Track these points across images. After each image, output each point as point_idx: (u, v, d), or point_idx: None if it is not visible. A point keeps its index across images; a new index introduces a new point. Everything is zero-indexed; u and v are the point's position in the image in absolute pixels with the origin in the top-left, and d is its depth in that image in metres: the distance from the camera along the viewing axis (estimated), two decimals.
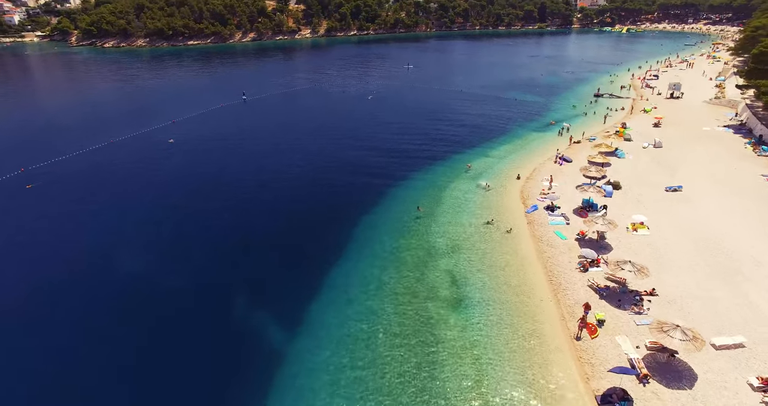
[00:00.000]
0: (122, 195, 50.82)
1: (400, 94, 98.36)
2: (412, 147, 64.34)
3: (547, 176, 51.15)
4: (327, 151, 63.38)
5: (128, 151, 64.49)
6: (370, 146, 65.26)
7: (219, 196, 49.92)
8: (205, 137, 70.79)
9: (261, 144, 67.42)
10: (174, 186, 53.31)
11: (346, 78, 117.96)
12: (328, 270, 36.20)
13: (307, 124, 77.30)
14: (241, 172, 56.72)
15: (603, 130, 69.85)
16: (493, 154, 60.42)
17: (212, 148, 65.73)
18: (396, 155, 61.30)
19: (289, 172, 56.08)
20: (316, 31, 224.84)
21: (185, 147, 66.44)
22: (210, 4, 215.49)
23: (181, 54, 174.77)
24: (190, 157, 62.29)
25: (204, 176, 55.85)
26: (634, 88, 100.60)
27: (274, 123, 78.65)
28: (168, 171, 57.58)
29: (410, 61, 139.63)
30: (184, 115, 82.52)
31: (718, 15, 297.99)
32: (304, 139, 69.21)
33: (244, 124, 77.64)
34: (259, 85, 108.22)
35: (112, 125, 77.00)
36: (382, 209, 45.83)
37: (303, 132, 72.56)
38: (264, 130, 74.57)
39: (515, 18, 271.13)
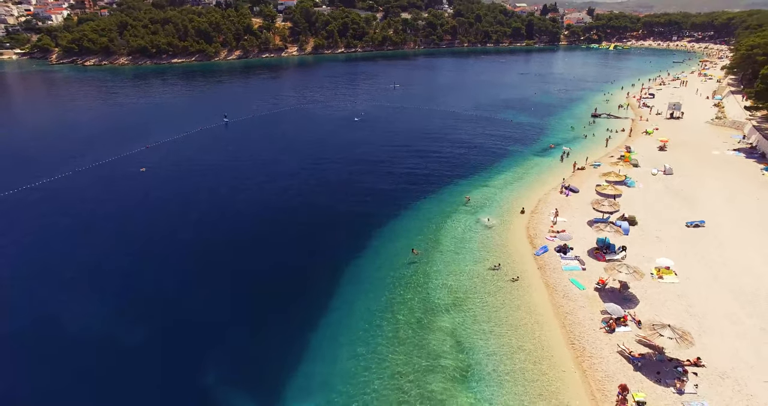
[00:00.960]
0: (72, 239, 44.94)
1: (389, 116, 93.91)
2: (404, 175, 59.45)
3: (554, 209, 46.45)
4: (308, 182, 58.14)
5: (91, 183, 58.63)
6: (357, 175, 60.22)
7: (185, 241, 44.33)
8: (181, 166, 65.27)
9: (238, 175, 61.93)
10: (138, 225, 47.62)
11: (332, 98, 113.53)
12: (299, 351, 29.22)
13: (289, 150, 72.13)
14: (213, 209, 51.22)
15: (607, 155, 65.78)
16: (493, 184, 55.70)
17: (186, 179, 60.15)
18: (386, 185, 56.33)
19: (263, 211, 50.55)
20: (303, 49, 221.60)
21: (157, 177, 60.80)
22: (195, 22, 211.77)
23: (164, 72, 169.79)
24: (161, 190, 56.62)
25: (173, 214, 50.26)
26: (631, 108, 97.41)
27: (254, 149, 73.25)
28: (134, 208, 51.90)
29: (397, 81, 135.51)
30: (160, 139, 77.03)
31: (700, 33, 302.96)
32: (284, 168, 64.00)
33: (222, 151, 72.19)
34: (242, 106, 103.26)
35: (80, 151, 71.18)
36: (371, 253, 40.52)
37: (284, 160, 67.29)
38: (243, 158, 69.09)
39: (503, 35, 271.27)
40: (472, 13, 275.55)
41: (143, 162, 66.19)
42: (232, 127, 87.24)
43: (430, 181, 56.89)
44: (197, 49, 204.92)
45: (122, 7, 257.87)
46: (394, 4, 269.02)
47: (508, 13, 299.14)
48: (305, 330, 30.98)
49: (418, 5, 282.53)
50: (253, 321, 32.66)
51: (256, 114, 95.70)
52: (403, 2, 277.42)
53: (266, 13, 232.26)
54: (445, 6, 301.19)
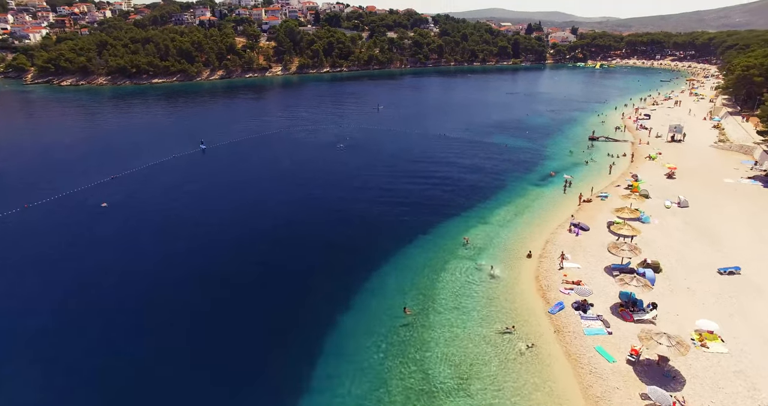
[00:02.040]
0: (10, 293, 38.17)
1: (376, 141, 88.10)
2: (392, 212, 53.50)
3: (567, 253, 40.91)
4: (282, 224, 51.99)
5: (43, 221, 51.94)
6: (340, 213, 54.24)
7: (138, 290, 37.85)
8: (147, 201, 58.73)
9: (209, 211, 55.72)
10: (92, 273, 40.96)
11: (316, 121, 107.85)
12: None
13: (267, 181, 66.18)
14: (174, 254, 44.80)
15: (612, 184, 60.87)
16: (492, 220, 50.12)
17: (150, 217, 53.57)
18: (372, 224, 50.46)
19: (233, 261, 44.19)
20: (288, 69, 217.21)
21: (120, 214, 54.18)
22: (177, 42, 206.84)
23: (143, 93, 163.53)
24: (123, 230, 50.06)
25: (128, 259, 43.73)
26: (628, 130, 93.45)
27: (229, 181, 66.92)
28: (85, 251, 45.24)
29: (381, 102, 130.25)
30: (129, 167, 70.57)
31: (681, 52, 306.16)
32: (260, 204, 57.91)
33: (195, 183, 65.71)
34: (221, 130, 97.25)
35: (37, 182, 64.45)
36: (355, 313, 34.28)
37: (261, 195, 61.22)
38: (215, 192, 62.79)
39: (489, 54, 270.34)
40: (458, 32, 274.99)
41: (106, 195, 59.60)
42: (209, 154, 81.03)
43: (422, 218, 51.06)
44: (179, 69, 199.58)
45: (104, 26, 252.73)
46: (379, 24, 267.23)
47: (493, 32, 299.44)
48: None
49: (404, 24, 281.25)
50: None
51: (236, 139, 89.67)
52: (388, 21, 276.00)
53: (250, 32, 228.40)
54: (431, 25, 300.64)
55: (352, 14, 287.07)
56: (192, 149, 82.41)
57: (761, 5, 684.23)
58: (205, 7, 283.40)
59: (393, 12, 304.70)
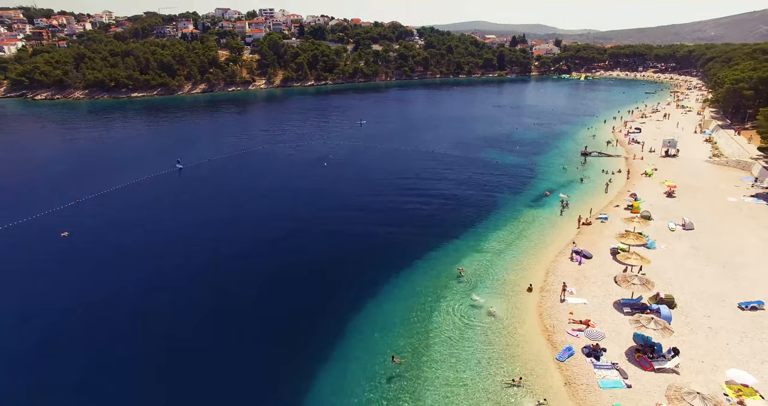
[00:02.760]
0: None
1: (361, 158, 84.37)
2: (378, 237, 49.71)
3: (571, 286, 37.33)
4: (255, 257, 47.74)
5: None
6: (322, 238, 50.18)
7: (97, 335, 33.29)
8: (113, 228, 53.87)
9: (180, 238, 51.24)
10: (47, 312, 36.21)
11: (299, 137, 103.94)
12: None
13: (245, 206, 61.69)
14: (139, 292, 40.25)
15: (611, 204, 57.76)
16: (487, 247, 46.42)
17: (114, 248, 48.87)
18: (357, 252, 46.52)
19: (200, 296, 39.93)
20: (272, 82, 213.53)
21: (81, 243, 49.44)
22: (158, 55, 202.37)
23: (122, 107, 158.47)
24: (84, 263, 45.32)
25: (93, 295, 39.07)
26: (620, 144, 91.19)
27: (206, 203, 62.44)
28: (42, 290, 40.44)
29: (364, 116, 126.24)
30: (96, 190, 65.71)
31: (663, 64, 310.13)
32: (235, 231, 53.61)
33: (167, 207, 61.12)
34: (200, 147, 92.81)
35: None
36: (336, 365, 30.03)
37: (237, 220, 56.83)
38: (190, 216, 58.18)
39: (475, 66, 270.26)
40: (443, 44, 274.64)
41: (68, 222, 54.76)
42: (186, 174, 76.41)
43: (411, 244, 47.20)
44: (159, 83, 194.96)
45: (83, 39, 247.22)
46: (364, 36, 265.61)
47: (478, 45, 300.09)
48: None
49: (389, 37, 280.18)
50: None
51: (216, 156, 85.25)
52: (373, 34, 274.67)
53: (233, 45, 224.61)
54: (416, 38, 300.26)
55: (337, 27, 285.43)
56: (168, 168, 77.80)
57: (732, 20, 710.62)
58: (187, 20, 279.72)
59: (378, 25, 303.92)
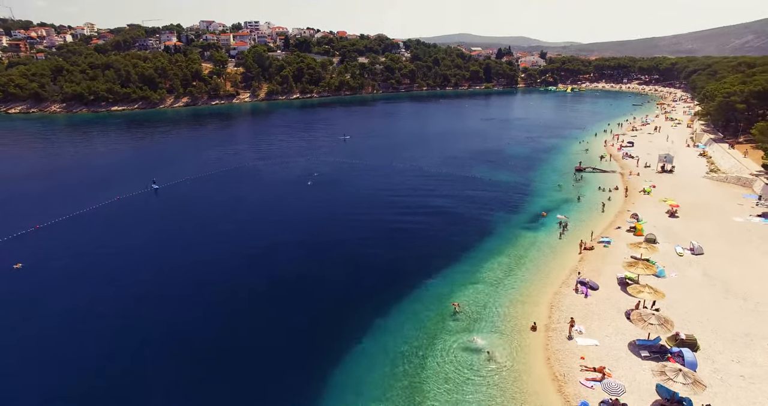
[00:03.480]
0: None
1: (347, 176, 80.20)
2: (364, 267, 45.88)
3: (579, 324, 33.77)
4: (231, 291, 43.76)
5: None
6: (302, 269, 46.21)
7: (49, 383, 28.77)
8: (75, 258, 49.20)
9: (150, 268, 46.85)
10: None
11: (283, 153, 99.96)
12: None
13: (226, 231, 57.41)
14: (102, 333, 35.78)
15: (612, 225, 54.54)
16: (484, 277, 42.76)
17: (75, 283, 44.25)
18: (341, 283, 42.60)
19: (174, 334, 35.73)
20: (256, 95, 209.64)
21: (33, 280, 44.69)
22: (139, 67, 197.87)
23: (101, 122, 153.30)
24: (37, 301, 40.65)
25: (48, 340, 34.48)
26: (614, 159, 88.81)
27: (181, 229, 57.93)
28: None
29: (348, 131, 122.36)
30: (59, 214, 60.87)
31: (646, 76, 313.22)
32: (210, 262, 49.39)
33: (136, 234, 56.51)
34: (179, 165, 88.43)
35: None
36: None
37: (215, 251, 52.60)
38: (162, 245, 53.87)
39: (462, 78, 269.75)
40: (430, 56, 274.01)
41: (23, 252, 49.97)
42: (162, 195, 71.86)
43: (400, 275, 43.38)
44: (140, 96, 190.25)
45: (62, 51, 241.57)
46: (350, 49, 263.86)
47: (465, 57, 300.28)
48: None
49: (375, 50, 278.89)
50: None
51: (195, 175, 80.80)
52: (360, 47, 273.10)
53: (217, 58, 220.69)
54: (402, 50, 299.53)
55: (323, 39, 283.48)
56: (143, 189, 73.24)
57: (707, 34, 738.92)
58: (171, 33, 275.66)
59: (364, 37, 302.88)
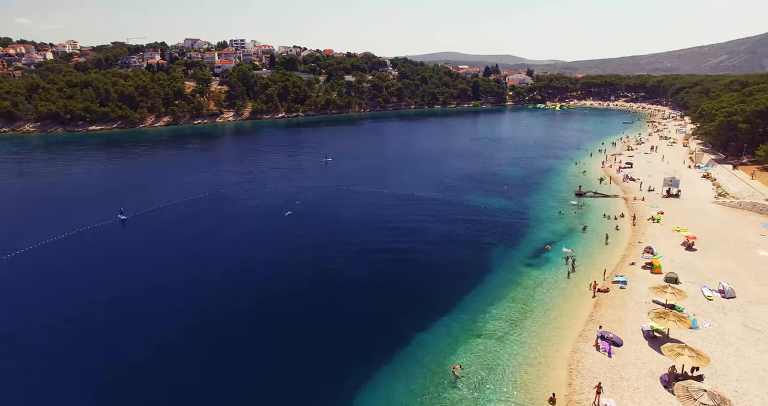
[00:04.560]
0: None
1: (329, 205, 73.42)
2: (346, 315, 39.86)
3: (607, 395, 27.88)
4: (199, 336, 37.37)
5: None
6: (270, 325, 39.98)
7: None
8: (15, 307, 42.49)
9: (108, 323, 40.21)
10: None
11: (264, 177, 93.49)
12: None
13: (196, 270, 51.12)
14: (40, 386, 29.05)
15: (623, 260, 49.09)
16: (487, 329, 36.77)
17: (15, 341, 37.46)
18: (317, 338, 36.43)
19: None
20: (240, 114, 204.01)
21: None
22: (119, 86, 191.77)
23: (76, 142, 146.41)
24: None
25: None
26: (615, 182, 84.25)
27: (145, 268, 51.35)
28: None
29: (333, 152, 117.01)
30: (6, 250, 54.03)
31: (633, 93, 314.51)
32: (172, 310, 42.95)
33: (95, 274, 49.86)
34: (153, 190, 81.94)
35: None
36: None
37: (179, 291, 46.25)
38: (122, 288, 47.29)
39: (450, 96, 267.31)
40: (417, 74, 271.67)
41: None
42: (130, 226, 65.16)
43: (388, 327, 37.35)
44: (120, 115, 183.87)
45: (40, 68, 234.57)
46: (337, 67, 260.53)
47: (453, 75, 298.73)
48: None
49: (362, 68, 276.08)
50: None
51: (169, 202, 74.32)
52: (346, 65, 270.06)
53: (200, 76, 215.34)
54: (390, 68, 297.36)
55: (309, 57, 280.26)
56: (109, 219, 66.54)
57: (684, 53, 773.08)
58: (154, 51, 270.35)
59: (351, 55, 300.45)
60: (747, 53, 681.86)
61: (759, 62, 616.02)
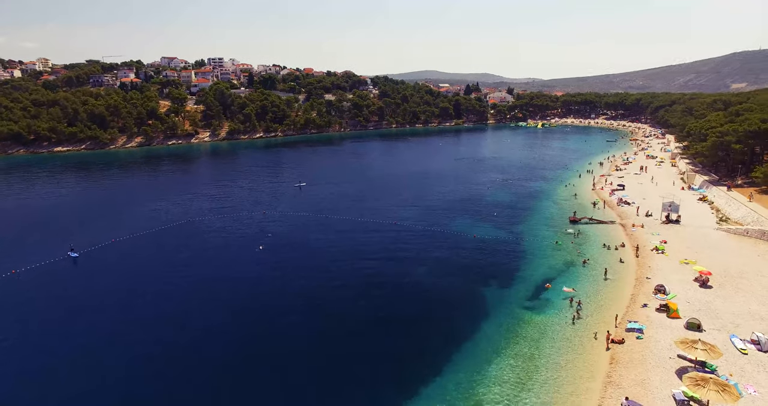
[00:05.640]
0: None
1: (304, 237, 66.61)
2: (317, 384, 33.51)
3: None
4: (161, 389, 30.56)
5: None
6: (244, 371, 33.49)
7: None
8: None
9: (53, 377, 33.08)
10: None
11: (235, 205, 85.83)
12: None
13: (152, 314, 44.24)
14: None
15: (635, 302, 43.62)
16: (488, 397, 30.72)
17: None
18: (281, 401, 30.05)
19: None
20: (217, 135, 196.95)
21: None
22: (89, 105, 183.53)
23: (39, 164, 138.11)
24: None
25: None
26: (609, 206, 79.85)
27: (89, 324, 44.25)
28: None
29: (310, 174, 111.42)
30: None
31: (612, 111, 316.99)
32: (132, 362, 36.04)
33: (37, 327, 42.61)
34: (115, 220, 74.87)
35: None
36: None
37: (138, 340, 39.34)
38: (60, 347, 40.21)
39: (431, 115, 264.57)
40: (398, 93, 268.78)
41: None
42: (82, 264, 57.76)
43: (366, 391, 31.15)
44: (88, 136, 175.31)
45: (5, 87, 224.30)
46: (317, 86, 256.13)
47: (434, 93, 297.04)
48: None
49: (342, 86, 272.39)
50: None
51: (131, 233, 67.10)
52: (326, 83, 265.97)
53: (175, 95, 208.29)
54: (370, 87, 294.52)
55: (288, 76, 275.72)
56: (58, 256, 59.07)
57: (655, 72, 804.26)
58: (129, 69, 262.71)
59: (331, 74, 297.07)
60: (712, 73, 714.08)
61: (723, 81, 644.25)
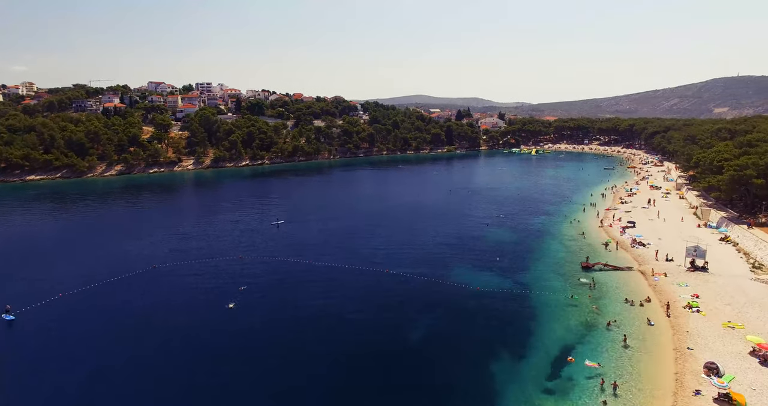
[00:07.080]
0: None
1: (282, 290, 57.66)
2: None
3: None
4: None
5: None
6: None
7: None
8: None
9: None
10: None
11: (209, 247, 76.19)
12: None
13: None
14: None
15: (682, 386, 35.30)
16: None
17: None
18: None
19: None
20: (201, 162, 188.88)
21: None
22: (68, 131, 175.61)
23: (8, 194, 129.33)
24: None
25: None
26: (621, 247, 72.27)
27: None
28: None
29: (292, 210, 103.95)
30: None
31: (606, 136, 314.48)
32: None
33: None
34: (71, 265, 65.96)
35: None
36: None
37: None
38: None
39: (423, 141, 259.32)
40: (389, 119, 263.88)
41: None
42: (18, 328, 48.49)
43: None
44: (65, 164, 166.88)
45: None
46: (306, 112, 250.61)
47: (425, 119, 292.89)
48: None
49: (332, 112, 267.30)
50: None
51: (87, 285, 57.85)
52: (315, 109, 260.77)
53: (159, 121, 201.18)
54: (361, 112, 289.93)
55: (277, 102, 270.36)
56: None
57: (641, 96, 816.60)
58: (114, 94, 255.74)
59: (320, 99, 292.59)
60: (695, 97, 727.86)
61: (706, 106, 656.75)
